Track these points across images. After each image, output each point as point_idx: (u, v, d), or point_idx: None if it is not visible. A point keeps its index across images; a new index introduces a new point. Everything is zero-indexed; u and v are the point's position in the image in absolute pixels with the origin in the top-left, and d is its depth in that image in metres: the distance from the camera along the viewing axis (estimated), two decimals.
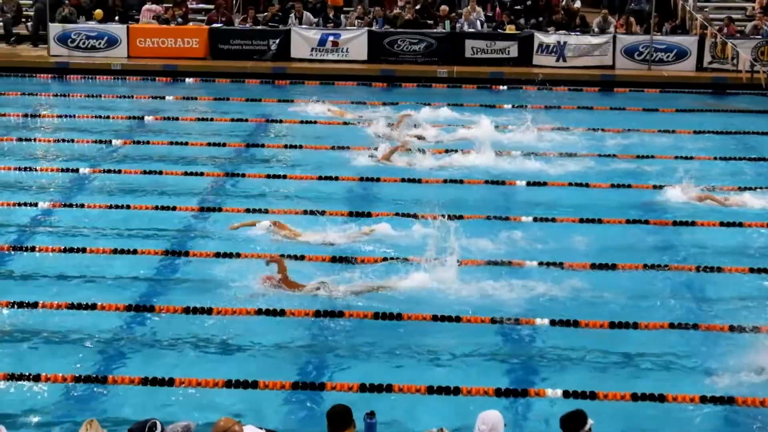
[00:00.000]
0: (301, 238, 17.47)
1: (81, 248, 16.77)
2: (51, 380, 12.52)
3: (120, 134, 23.88)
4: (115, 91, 28.31)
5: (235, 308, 14.68)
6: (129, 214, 18.55)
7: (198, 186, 20.34)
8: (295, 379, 12.82)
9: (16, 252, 16.76)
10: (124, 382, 12.59)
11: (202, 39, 31.21)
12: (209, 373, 12.79)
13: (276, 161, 22.05)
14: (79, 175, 20.89)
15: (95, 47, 31.03)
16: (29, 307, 14.61)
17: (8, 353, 13.49)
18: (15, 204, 18.88)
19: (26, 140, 23.22)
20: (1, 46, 32.44)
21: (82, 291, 15.23)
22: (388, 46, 31.01)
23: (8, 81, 29.11)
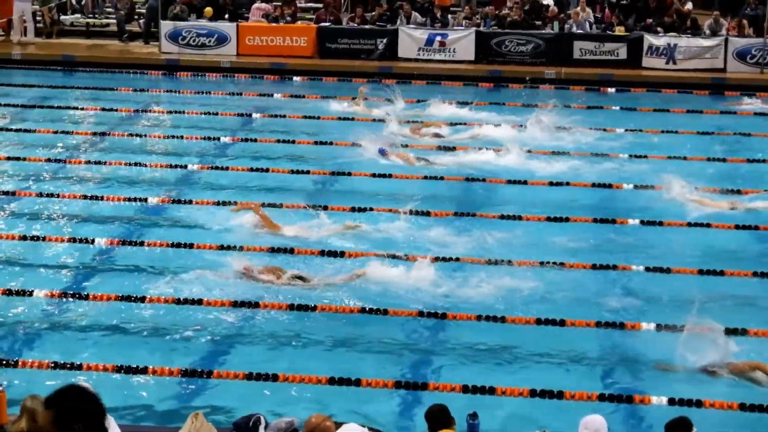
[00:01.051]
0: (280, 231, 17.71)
1: (188, 243, 16.99)
2: (158, 373, 12.72)
3: (228, 131, 24.14)
4: (223, 89, 28.58)
5: (338, 306, 14.77)
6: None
7: (304, 184, 20.48)
8: (397, 377, 12.85)
9: (126, 246, 17.01)
10: (229, 377, 12.75)
11: (311, 38, 31.40)
12: (313, 370, 12.89)
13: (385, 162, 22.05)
14: (187, 171, 21.17)
15: (205, 45, 31.41)
16: (137, 300, 14.88)
17: (118, 346, 13.74)
18: (125, 199, 19.19)
19: (136, 136, 23.59)
20: (114, 42, 33.01)
21: (190, 286, 15.40)
22: (496, 46, 30.88)
23: (120, 77, 29.59)
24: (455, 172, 21.29)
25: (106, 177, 20.62)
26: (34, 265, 16.17)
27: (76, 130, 24.10)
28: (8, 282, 15.41)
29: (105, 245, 16.98)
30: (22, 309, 14.69)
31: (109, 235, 17.42)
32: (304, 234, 17.56)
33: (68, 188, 19.84)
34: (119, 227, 17.90)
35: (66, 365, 12.84)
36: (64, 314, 14.65)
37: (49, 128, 24.05)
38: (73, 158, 21.79)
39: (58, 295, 15.02)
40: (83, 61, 30.91)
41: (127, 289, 15.22)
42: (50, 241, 17.11)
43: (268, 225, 17.56)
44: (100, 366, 12.81)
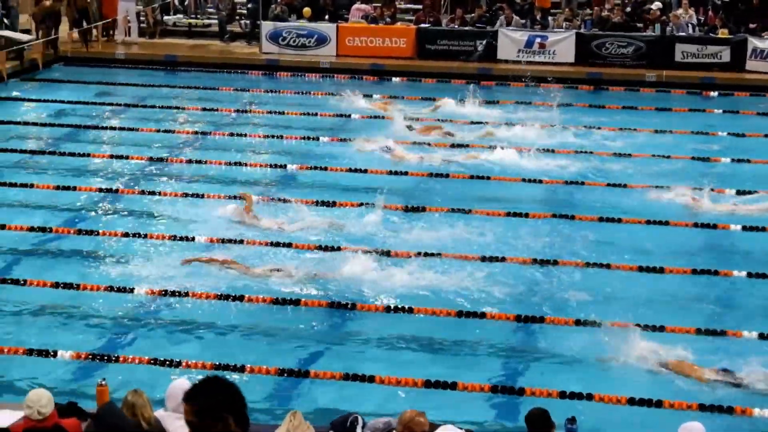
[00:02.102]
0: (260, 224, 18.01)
1: (287, 243, 17.13)
2: (255, 372, 12.83)
3: (327, 132, 24.25)
4: (322, 89, 28.73)
5: (436, 309, 14.77)
6: (336, 212, 18.85)
7: (404, 185, 20.52)
8: (494, 381, 12.81)
9: (225, 244, 17.17)
10: (326, 377, 12.82)
11: (410, 39, 31.43)
12: (409, 372, 12.91)
13: (479, 161, 21.98)
14: (286, 171, 21.33)
15: (305, 45, 31.61)
16: (236, 299, 15.02)
17: (216, 343, 13.90)
18: (224, 197, 19.39)
19: (237, 135, 23.82)
20: (216, 43, 33.39)
21: (286, 286, 15.51)
22: (596, 48, 30.61)
23: (221, 77, 29.90)
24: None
25: (207, 176, 20.85)
26: (136, 262, 16.39)
27: (177, 129, 24.46)
28: (110, 278, 15.67)
29: (205, 242, 17.17)
30: (124, 305, 14.91)
31: (209, 233, 17.60)
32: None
33: (170, 186, 20.09)
34: (219, 226, 18.08)
35: (165, 362, 13.02)
36: (164, 311, 14.86)
37: (151, 127, 24.41)
38: (175, 157, 22.08)
39: (158, 293, 15.23)
40: (185, 61, 31.31)
41: (225, 288, 15.39)
42: (151, 238, 17.35)
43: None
44: (199, 363, 12.95)
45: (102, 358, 13.20)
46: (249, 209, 18.30)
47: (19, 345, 13.39)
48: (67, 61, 31.22)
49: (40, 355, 13.16)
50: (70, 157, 21.93)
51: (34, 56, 29.77)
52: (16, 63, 29.48)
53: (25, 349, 13.25)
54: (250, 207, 18.38)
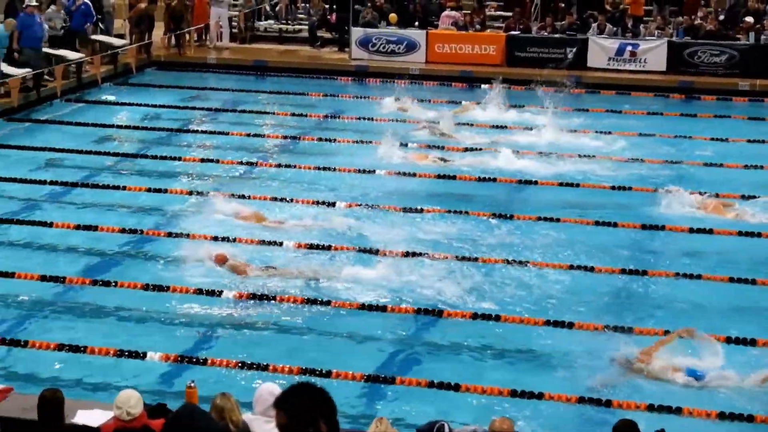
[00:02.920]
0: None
1: (374, 250, 17.15)
2: (342, 377, 12.85)
3: (415, 138, 24.22)
4: (411, 95, 28.71)
5: (522, 317, 14.70)
6: (421, 217, 18.85)
7: (492, 191, 20.46)
8: (580, 392, 12.70)
9: (314, 250, 17.21)
10: (412, 384, 12.81)
11: (499, 46, 31.34)
12: (493, 381, 12.86)
13: (570, 170, 21.85)
14: (375, 175, 21.36)
15: (395, 52, 31.68)
16: (323, 304, 15.09)
17: (303, 348, 13.95)
18: (313, 202, 19.48)
19: (326, 140, 23.91)
20: (305, 48, 33.59)
21: (372, 293, 15.54)
22: (688, 57, 30.25)
23: (311, 82, 30.05)
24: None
25: (296, 180, 20.96)
26: (225, 266, 16.50)
27: (267, 134, 24.60)
28: (199, 282, 15.80)
29: (293, 248, 17.24)
30: (212, 309, 15.04)
31: (297, 238, 17.69)
32: None
33: (259, 190, 20.22)
34: (308, 231, 18.15)
35: (253, 365, 13.10)
36: (252, 314, 14.95)
37: (241, 131, 24.61)
38: (265, 161, 22.23)
39: (246, 297, 15.34)
40: (275, 66, 31.55)
41: (313, 293, 15.45)
42: (240, 242, 17.47)
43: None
44: (285, 368, 13.01)
45: (190, 360, 13.32)
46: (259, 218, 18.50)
47: (109, 346, 13.55)
48: (159, 66, 31.62)
49: (130, 357, 13.32)
50: (161, 161, 22.21)
51: (127, 60, 30.19)
52: (110, 67, 29.92)
53: (115, 350, 13.42)
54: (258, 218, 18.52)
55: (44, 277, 15.75)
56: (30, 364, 13.20)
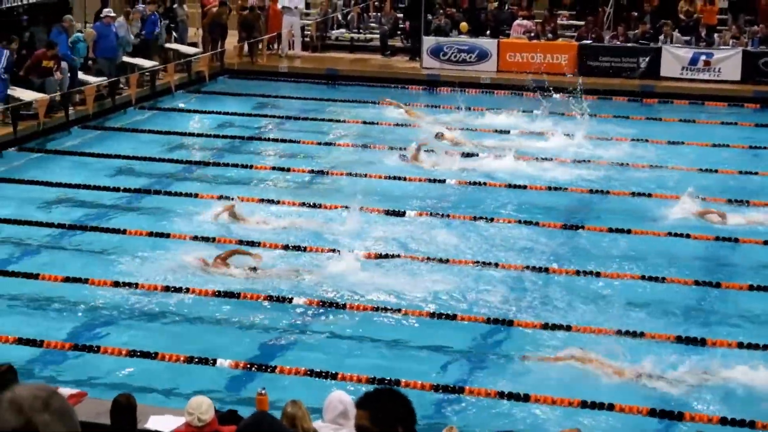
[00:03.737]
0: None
1: (444, 259, 17.16)
2: (411, 386, 12.83)
3: (486, 148, 24.16)
4: (482, 104, 28.67)
5: (593, 327, 14.60)
6: (491, 227, 18.83)
7: (564, 202, 20.37)
8: (651, 405, 12.58)
9: (378, 260, 17.24)
10: (481, 394, 12.78)
11: (571, 55, 31.19)
12: (566, 392, 12.79)
13: (642, 179, 21.67)
14: (445, 185, 21.33)
15: (466, 60, 31.65)
16: (393, 311, 15.11)
17: (371, 356, 13.97)
18: (384, 212, 19.49)
19: (396, 149, 23.86)
20: (377, 57, 33.66)
21: (444, 301, 15.54)
22: (763, 66, 29.88)
23: (382, 91, 30.08)
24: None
25: (366, 190, 20.97)
26: (294, 274, 16.58)
27: (337, 142, 24.64)
28: (270, 288, 15.89)
29: (362, 258, 17.27)
30: (281, 316, 15.11)
31: (366, 248, 17.73)
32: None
33: (329, 199, 20.27)
34: (378, 240, 18.19)
35: (322, 373, 13.14)
36: (322, 322, 15.00)
37: (312, 140, 24.71)
38: (335, 170, 22.26)
39: (316, 303, 15.40)
40: (346, 75, 31.66)
41: (379, 301, 15.47)
42: (311, 251, 17.54)
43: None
44: (354, 377, 13.03)
45: (260, 367, 13.38)
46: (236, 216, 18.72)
47: (180, 353, 13.66)
48: (231, 74, 31.86)
49: (200, 363, 13.42)
50: (232, 168, 22.35)
51: (200, 69, 30.47)
52: (183, 75, 30.23)
53: (186, 357, 13.52)
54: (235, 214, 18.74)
55: (117, 283, 15.92)
56: (103, 370, 13.36)
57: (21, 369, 10.55)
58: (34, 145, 23.90)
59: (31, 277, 16.11)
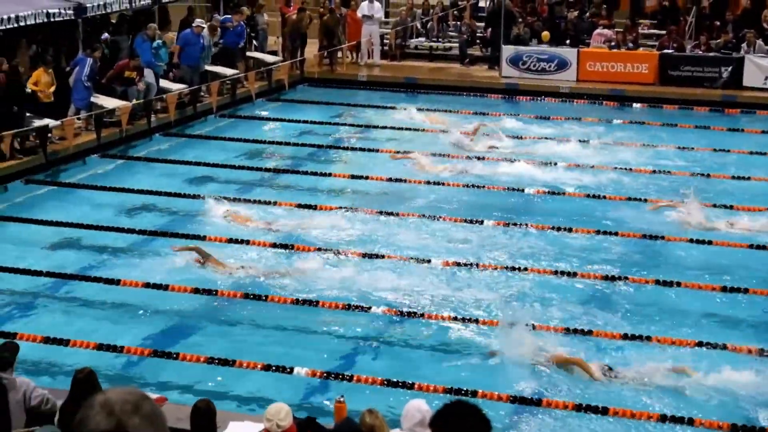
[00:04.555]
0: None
1: (522, 267, 17.11)
2: (488, 397, 12.79)
3: (565, 157, 24.03)
4: (561, 114, 28.53)
5: (674, 339, 14.47)
6: (571, 238, 18.74)
7: (638, 212, 20.22)
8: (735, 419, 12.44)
9: (461, 267, 17.24)
10: (558, 407, 12.70)
11: (652, 64, 30.92)
12: (643, 406, 12.69)
13: (722, 191, 21.42)
14: (525, 194, 21.25)
15: (545, 70, 31.53)
16: (470, 321, 15.07)
17: (453, 369, 13.94)
18: (461, 221, 19.47)
19: (476, 159, 23.81)
20: (455, 66, 33.65)
21: (521, 312, 15.46)
22: None
23: (461, 100, 30.06)
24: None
25: (446, 199, 20.96)
26: (373, 282, 16.63)
27: (420, 151, 24.45)
28: (347, 296, 15.94)
29: (441, 266, 17.26)
30: (362, 324, 15.14)
31: (444, 256, 17.73)
32: None
33: (407, 208, 20.27)
34: (454, 250, 18.17)
35: (398, 383, 13.14)
36: (398, 331, 15.01)
37: (390, 148, 24.73)
38: (414, 178, 22.25)
39: (395, 313, 15.41)
40: (425, 84, 31.68)
41: (458, 312, 15.45)
42: (389, 258, 17.57)
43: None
44: (431, 387, 13.02)
45: (337, 376, 13.42)
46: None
47: (258, 360, 13.74)
48: (311, 82, 32.03)
49: (278, 371, 13.49)
50: (311, 176, 22.44)
51: (280, 77, 30.67)
52: (263, 83, 30.46)
53: (263, 364, 13.60)
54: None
55: (197, 290, 16.07)
56: (182, 376, 13.48)
57: (101, 374, 10.68)
58: (117, 151, 24.24)
59: (112, 282, 16.32)
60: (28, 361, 13.04)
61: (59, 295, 16.26)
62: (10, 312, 15.66)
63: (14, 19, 22.10)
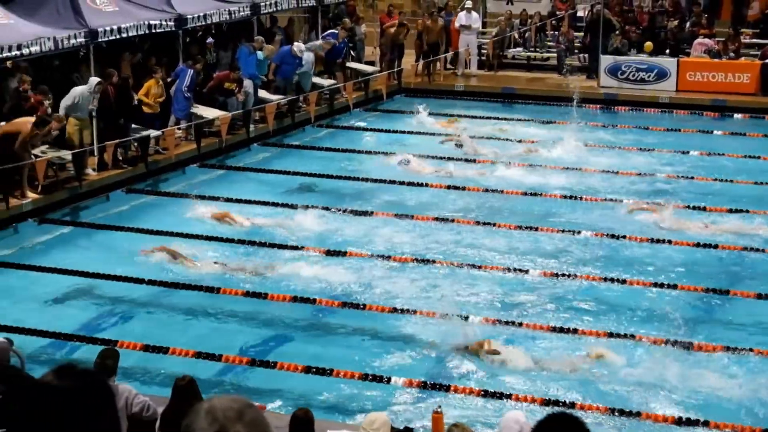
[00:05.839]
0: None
1: (620, 279, 16.96)
2: (587, 409, 12.69)
3: (664, 168, 23.78)
4: (660, 124, 28.22)
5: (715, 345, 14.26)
6: (670, 250, 18.54)
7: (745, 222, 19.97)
8: None
9: (561, 278, 17.14)
10: (659, 420, 12.57)
11: (754, 74, 30.42)
12: None
13: None
14: (621, 205, 21.04)
15: (644, 80, 31.20)
16: (569, 332, 14.95)
17: (546, 380, 13.86)
18: (558, 231, 19.37)
19: (572, 169, 23.63)
20: (553, 76, 33.45)
21: (624, 324, 15.34)
22: None
23: (558, 110, 29.85)
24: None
25: (542, 211, 20.85)
26: (472, 294, 16.61)
27: (514, 162, 24.32)
28: (447, 306, 15.91)
29: (539, 276, 17.17)
30: (455, 335, 15.08)
31: (543, 267, 17.65)
32: None
33: (503, 218, 20.21)
34: (554, 260, 18.08)
35: (495, 393, 13.10)
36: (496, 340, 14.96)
37: (484, 159, 24.63)
38: (509, 189, 22.15)
39: (492, 321, 15.35)
40: (522, 94, 31.54)
41: (557, 323, 15.36)
42: (486, 269, 17.53)
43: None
44: (528, 397, 12.97)
45: (434, 386, 13.40)
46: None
47: (355, 369, 13.78)
48: (408, 93, 32.07)
49: (374, 380, 13.52)
50: (406, 186, 22.40)
51: (378, 87, 30.78)
52: (361, 93, 30.59)
53: (360, 374, 13.64)
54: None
55: (295, 298, 16.17)
56: (280, 384, 13.57)
57: (201, 382, 10.78)
58: (215, 161, 24.50)
59: (212, 291, 16.50)
60: (127, 368, 13.21)
61: (158, 302, 16.47)
62: (110, 319, 15.92)
63: (116, 31, 22.47)
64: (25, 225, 19.73)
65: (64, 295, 16.65)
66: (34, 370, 11.38)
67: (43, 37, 20.76)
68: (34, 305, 16.24)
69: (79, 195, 21.19)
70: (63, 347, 14.77)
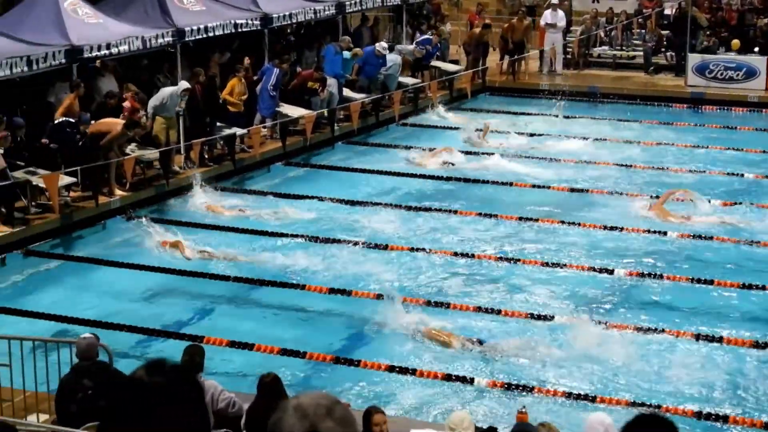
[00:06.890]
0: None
1: (708, 280, 16.75)
2: (672, 412, 12.54)
3: (752, 168, 23.44)
4: (749, 124, 27.81)
5: None
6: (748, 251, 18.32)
7: None
8: None
9: (646, 279, 16.99)
10: (746, 424, 12.39)
11: None
12: None
13: None
14: (709, 206, 20.79)
15: (732, 78, 30.76)
16: (658, 332, 14.81)
17: (637, 381, 13.74)
18: (644, 231, 19.19)
19: (658, 169, 23.39)
20: (639, 75, 33.10)
21: (709, 324, 15.18)
22: None
23: (645, 109, 29.57)
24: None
25: (627, 209, 20.68)
26: (553, 292, 16.54)
27: (597, 161, 24.10)
28: (529, 305, 15.83)
29: (625, 276, 17.08)
30: (541, 333, 15.02)
31: (628, 267, 17.54)
32: None
33: (584, 218, 20.08)
34: (638, 262, 17.92)
35: (579, 395, 13.07)
36: (581, 345, 14.82)
37: (572, 158, 24.46)
38: (596, 188, 22.00)
39: (572, 321, 15.27)
40: (607, 93, 31.23)
41: (644, 324, 15.22)
42: (570, 267, 17.44)
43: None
44: (614, 400, 12.88)
45: (517, 387, 13.34)
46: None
47: (438, 370, 13.78)
48: (492, 91, 31.95)
49: (458, 381, 13.51)
50: (491, 185, 22.36)
51: (462, 86, 30.71)
52: (445, 92, 30.54)
53: (443, 374, 13.64)
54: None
55: (380, 296, 16.18)
56: (362, 382, 13.59)
57: (285, 379, 10.85)
58: (300, 159, 24.62)
59: (297, 287, 16.60)
60: (213, 365, 13.33)
61: (244, 299, 16.60)
62: (197, 316, 16.08)
63: (203, 30, 22.70)
64: (114, 221, 19.98)
65: (149, 292, 16.87)
66: (120, 365, 11.52)
67: (132, 37, 21.06)
68: (121, 301, 16.48)
69: (166, 192, 21.42)
70: (148, 343, 14.94)
